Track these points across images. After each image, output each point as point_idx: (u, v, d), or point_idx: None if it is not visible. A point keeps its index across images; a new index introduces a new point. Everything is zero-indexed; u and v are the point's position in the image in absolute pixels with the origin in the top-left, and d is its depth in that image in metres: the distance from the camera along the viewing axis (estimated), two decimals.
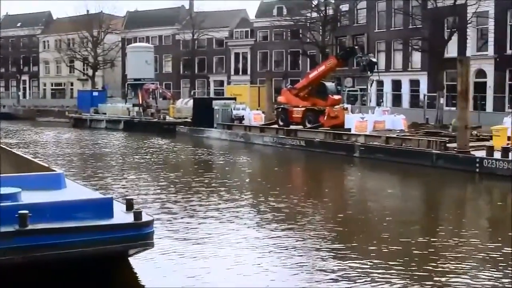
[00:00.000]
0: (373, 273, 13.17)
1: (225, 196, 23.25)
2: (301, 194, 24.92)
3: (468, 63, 34.20)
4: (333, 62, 46.56)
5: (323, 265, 13.80)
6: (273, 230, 17.24)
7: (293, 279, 12.93)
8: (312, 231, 17.21)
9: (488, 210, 23.49)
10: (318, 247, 15.38)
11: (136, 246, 12.06)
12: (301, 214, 19.71)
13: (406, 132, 40.58)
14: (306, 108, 46.47)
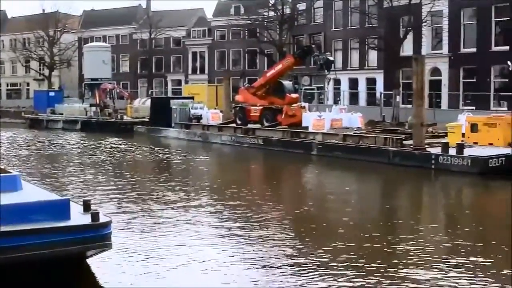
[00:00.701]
0: (332, 268, 13.31)
1: (182, 195, 23.26)
2: (258, 192, 25.00)
3: (423, 61, 34.59)
4: (290, 61, 46.76)
5: (280, 262, 13.89)
6: (230, 229, 17.28)
7: (249, 275, 13.00)
8: (269, 228, 17.30)
9: (443, 206, 23.80)
10: (275, 244, 15.47)
11: (94, 248, 12.00)
12: (258, 212, 19.76)
13: (363, 129, 40.95)
14: (263, 106, 46.57)
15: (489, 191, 26.80)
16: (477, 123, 34.00)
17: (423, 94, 33.82)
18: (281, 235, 16.56)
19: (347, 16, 66.01)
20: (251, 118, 47.23)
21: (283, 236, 16.44)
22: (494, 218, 20.82)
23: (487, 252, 15.08)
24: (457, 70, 53.44)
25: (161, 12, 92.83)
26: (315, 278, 12.71)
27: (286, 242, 15.77)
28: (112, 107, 69.10)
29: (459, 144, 30.23)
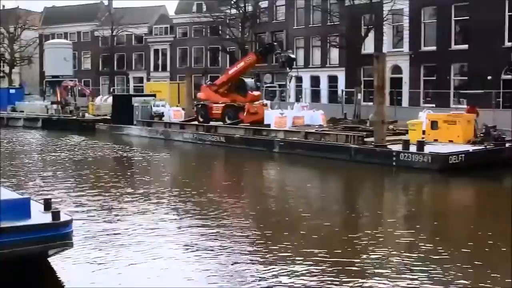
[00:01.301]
0: (293, 263, 13.38)
1: (143, 192, 23.18)
2: (220, 190, 25.03)
3: (384, 59, 34.89)
4: (252, 59, 46.81)
5: (241, 259, 13.94)
6: (191, 226, 17.30)
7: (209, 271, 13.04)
8: (230, 225, 17.33)
9: (403, 202, 24.08)
10: (236, 241, 15.50)
11: (55, 247, 11.93)
12: (219, 209, 19.78)
13: (325, 127, 41.18)
14: (225, 104, 46.56)
15: (448, 188, 27.14)
16: (437, 120, 34.40)
17: (384, 92, 34.11)
18: (242, 232, 16.60)
19: (309, 14, 66.20)
20: (213, 115, 47.17)
21: (244, 233, 16.48)
22: (452, 214, 21.08)
23: (445, 246, 15.27)
24: (418, 68, 53.92)
25: (123, 9, 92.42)
26: (276, 274, 12.77)
27: (247, 239, 15.83)
28: (74, 104, 68.51)
29: (420, 141, 30.54)
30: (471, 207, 23.08)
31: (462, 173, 27.83)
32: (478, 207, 22.89)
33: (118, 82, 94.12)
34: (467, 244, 16.03)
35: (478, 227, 18.43)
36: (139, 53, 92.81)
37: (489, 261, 14.10)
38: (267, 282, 12.38)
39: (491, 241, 16.09)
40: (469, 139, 33.01)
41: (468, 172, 27.80)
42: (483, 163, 29.32)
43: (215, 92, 47.93)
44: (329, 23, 60.82)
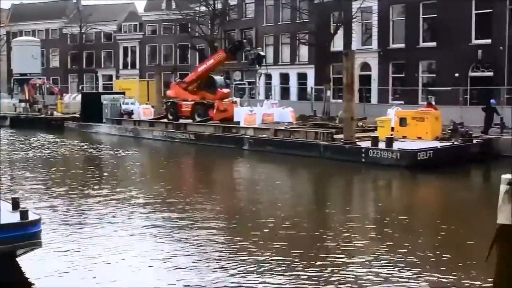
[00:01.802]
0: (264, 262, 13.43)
1: (111, 190, 23.12)
2: (189, 187, 25.05)
3: (353, 56, 35.09)
4: (221, 56, 46.82)
5: (211, 257, 13.96)
6: (159, 225, 17.27)
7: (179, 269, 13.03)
8: (200, 223, 17.32)
9: (371, 198, 24.26)
10: (206, 239, 15.51)
11: (24, 246, 11.80)
12: (190, 207, 19.78)
13: (294, 124, 41.32)
14: (195, 102, 46.51)
15: (416, 184, 27.40)
16: (405, 117, 34.63)
17: (353, 89, 34.23)
18: (212, 230, 16.62)
19: (278, 11, 66.27)
20: (183, 113, 47.10)
21: (214, 231, 16.49)
22: (419, 209, 21.31)
23: (412, 240, 15.46)
24: (386, 65, 54.25)
25: (91, 6, 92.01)
26: (246, 273, 12.81)
27: (217, 237, 15.84)
28: (42, 102, 68.09)
29: (388, 138, 30.77)
30: (438, 202, 23.30)
31: (430, 169, 28.08)
32: (445, 202, 23.10)
33: (87, 80, 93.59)
34: (433, 237, 16.22)
35: (444, 221, 18.62)
36: (108, 50, 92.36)
37: (456, 253, 14.26)
38: (237, 279, 12.41)
39: (456, 234, 16.32)
40: (437, 136, 33.31)
41: (436, 168, 28.06)
42: (451, 159, 29.64)
43: (185, 90, 47.84)
44: (298, 21, 61.05)
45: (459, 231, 16.94)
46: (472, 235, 16.31)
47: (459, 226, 17.65)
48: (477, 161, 31.03)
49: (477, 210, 20.02)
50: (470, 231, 16.88)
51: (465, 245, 15.33)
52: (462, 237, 16.20)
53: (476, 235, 16.10)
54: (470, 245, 15.22)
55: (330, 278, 12.45)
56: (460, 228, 17.35)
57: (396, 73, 54.18)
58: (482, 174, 31.11)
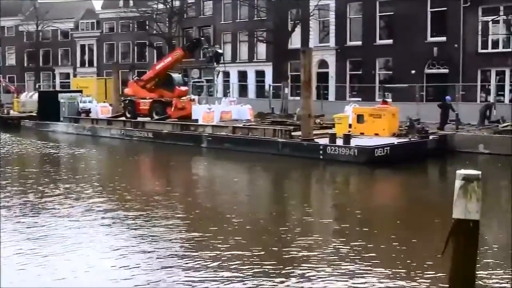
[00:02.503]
0: (224, 262, 13.46)
1: (67, 189, 22.87)
2: (146, 185, 24.99)
3: (311, 54, 35.25)
4: (179, 54, 46.72)
5: (170, 253, 13.95)
6: (116, 225, 17.21)
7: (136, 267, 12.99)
8: (158, 222, 17.28)
9: (329, 195, 24.40)
10: (164, 236, 15.49)
11: None
12: (147, 204, 19.73)
13: (252, 121, 41.41)
14: (153, 99, 46.36)
15: (373, 180, 27.64)
16: (363, 114, 35.00)
17: (311, 86, 34.39)
18: (170, 226, 16.59)
19: (236, 9, 66.32)
20: (141, 111, 46.93)
21: (172, 227, 16.47)
22: (376, 205, 21.50)
23: (369, 235, 15.61)
24: (344, 62, 54.57)
25: (48, 4, 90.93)
26: (206, 274, 12.81)
27: (175, 236, 15.83)
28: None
29: (346, 134, 30.99)
30: (395, 198, 23.56)
31: (388, 165, 28.38)
32: (402, 198, 23.36)
33: (44, 78, 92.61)
34: (390, 232, 16.39)
35: (400, 216, 18.85)
36: (65, 48, 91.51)
37: (412, 248, 14.44)
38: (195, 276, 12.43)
39: (413, 229, 16.52)
40: (394, 132, 33.68)
41: (393, 164, 28.36)
42: (408, 155, 30.02)
43: (143, 88, 47.63)
44: (256, 18, 61.03)
45: (416, 226, 17.14)
46: (428, 230, 16.53)
47: (415, 221, 17.90)
48: (434, 157, 31.48)
49: (433, 205, 20.26)
50: (426, 226, 17.09)
51: (421, 239, 15.50)
52: (418, 232, 16.39)
53: (432, 230, 16.33)
54: (426, 240, 15.40)
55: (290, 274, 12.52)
56: (417, 223, 17.58)
57: (354, 70, 54.53)
58: (438, 169, 31.55)
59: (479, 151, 32.47)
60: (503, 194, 23.85)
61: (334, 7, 54.77)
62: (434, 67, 48.34)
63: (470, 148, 32.77)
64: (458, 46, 45.87)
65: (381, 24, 52.62)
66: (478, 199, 9.34)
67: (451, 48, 46.24)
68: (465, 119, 37.48)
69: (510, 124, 35.05)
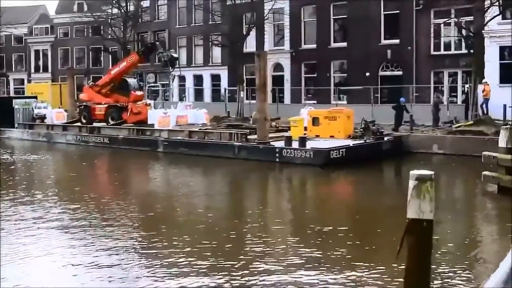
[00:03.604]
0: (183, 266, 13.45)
1: (25, 194, 22.72)
2: (102, 190, 24.86)
3: (265, 57, 35.35)
4: (134, 58, 46.57)
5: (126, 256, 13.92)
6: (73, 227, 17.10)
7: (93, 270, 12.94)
8: (114, 227, 17.20)
9: (286, 197, 24.53)
10: (121, 239, 15.44)
11: None
12: (105, 211, 19.62)
13: (208, 125, 41.41)
14: (108, 105, 46.15)
15: (329, 181, 27.83)
16: (318, 116, 35.22)
17: (266, 89, 34.55)
18: (125, 230, 16.54)
19: (191, 13, 66.21)
20: (96, 116, 46.69)
21: (129, 229, 16.44)
22: (332, 206, 21.67)
23: (324, 236, 15.73)
24: (299, 65, 54.80)
25: (0, 9, 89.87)
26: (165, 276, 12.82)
27: (132, 241, 15.78)
28: None
29: (302, 137, 31.21)
30: (350, 199, 23.72)
31: (343, 167, 28.61)
32: (357, 199, 23.52)
33: None
34: (345, 232, 16.52)
35: (355, 217, 19.03)
36: (19, 54, 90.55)
37: (367, 248, 14.57)
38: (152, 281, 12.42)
39: (368, 230, 16.70)
40: (349, 134, 33.95)
41: (348, 166, 28.59)
42: (363, 156, 30.28)
43: (98, 93, 47.39)
44: (211, 22, 61.07)
45: (370, 227, 17.33)
46: (383, 230, 16.72)
47: (370, 222, 18.09)
48: (389, 158, 31.82)
49: (387, 206, 20.47)
50: (381, 227, 17.28)
51: (377, 239, 15.66)
52: (373, 232, 16.58)
53: (387, 230, 16.50)
54: (380, 240, 15.56)
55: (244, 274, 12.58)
56: (372, 224, 17.77)
57: (309, 73, 54.80)
58: (393, 170, 31.92)
59: (433, 151, 32.94)
60: (456, 194, 24.24)
61: (288, 11, 55.00)
62: (388, 69, 48.83)
63: (425, 148, 33.24)
64: (411, 48, 46.39)
65: (335, 27, 52.98)
66: (431, 199, 9.50)
67: (405, 51, 46.76)
68: (419, 120, 37.92)
69: (463, 124, 35.57)
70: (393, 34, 48.11)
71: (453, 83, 45.55)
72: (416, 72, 46.16)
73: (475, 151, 27.99)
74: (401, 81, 46.46)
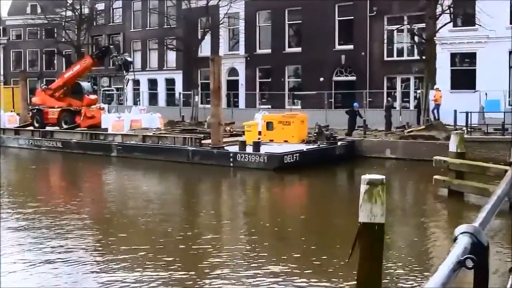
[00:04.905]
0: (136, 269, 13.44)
1: None
2: (54, 195, 24.66)
3: (220, 62, 35.37)
4: (88, 62, 46.24)
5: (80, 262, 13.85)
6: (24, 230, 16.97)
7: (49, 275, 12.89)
8: (68, 232, 17.10)
9: (238, 201, 24.58)
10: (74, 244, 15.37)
11: None
12: (58, 215, 19.49)
13: (163, 130, 41.30)
14: (62, 108, 45.72)
15: (282, 186, 27.98)
16: (272, 121, 35.36)
17: (221, 94, 34.61)
18: (79, 237, 16.46)
19: (146, 16, 65.96)
20: (49, 120, 46.19)
21: (81, 237, 16.35)
22: (285, 210, 21.80)
23: (277, 241, 15.84)
24: (254, 70, 54.93)
25: None
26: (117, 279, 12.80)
27: (83, 244, 15.72)
28: None
29: (256, 142, 31.29)
30: (303, 203, 23.93)
31: (297, 171, 28.77)
32: (310, 203, 23.73)
33: None
34: (297, 236, 16.67)
35: (308, 221, 19.17)
36: None
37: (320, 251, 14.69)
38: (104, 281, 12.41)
39: (320, 234, 16.85)
40: (303, 139, 34.15)
41: (302, 170, 28.76)
42: (317, 161, 30.48)
43: (51, 97, 46.92)
44: (166, 26, 60.94)
45: (322, 231, 17.48)
46: (335, 234, 16.88)
47: (322, 225, 18.24)
48: (342, 162, 32.09)
49: (340, 210, 20.69)
50: (333, 230, 17.45)
51: (328, 243, 15.80)
52: (326, 236, 16.73)
53: (339, 234, 16.66)
54: (333, 244, 15.71)
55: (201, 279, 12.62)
56: (324, 228, 17.93)
57: (263, 78, 54.99)
58: (346, 174, 32.20)
59: (386, 156, 33.29)
60: (408, 197, 24.56)
61: (243, 16, 55.12)
62: (342, 75, 49.22)
63: (378, 153, 33.58)
64: (365, 54, 46.84)
65: (290, 32, 53.25)
66: (382, 202, 9.67)
67: (358, 56, 47.19)
68: (372, 125, 38.30)
69: (415, 129, 36.01)
70: (347, 40, 48.54)
71: (406, 88, 46.15)
72: (369, 77, 46.62)
73: (427, 155, 28.32)
74: (355, 86, 46.88)
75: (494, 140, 31.07)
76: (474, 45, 40.28)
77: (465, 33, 40.39)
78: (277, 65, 52.62)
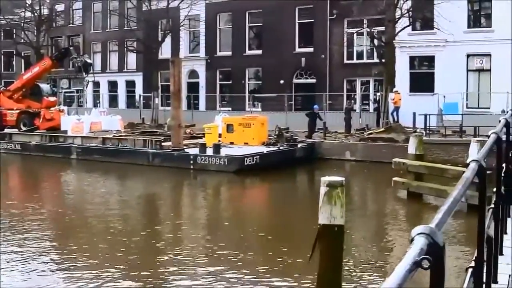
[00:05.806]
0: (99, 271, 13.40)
1: None
2: (15, 199, 24.43)
3: (180, 64, 35.40)
4: (47, 63, 45.85)
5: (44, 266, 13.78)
6: None
7: None
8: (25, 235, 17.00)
9: (198, 203, 24.60)
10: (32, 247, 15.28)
11: None
12: (16, 218, 19.33)
13: (123, 132, 41.08)
14: (20, 110, 45.28)
15: (243, 188, 28.09)
16: (232, 123, 35.42)
17: (181, 96, 34.60)
18: (37, 239, 16.37)
19: (106, 18, 65.53)
20: (8, 122, 45.71)
21: (39, 239, 16.26)
22: (245, 212, 21.88)
23: (238, 242, 15.89)
24: (214, 72, 54.91)
25: None
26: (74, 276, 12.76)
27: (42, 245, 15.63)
28: None
29: (216, 144, 31.33)
30: (263, 205, 24.08)
31: (257, 174, 28.86)
32: (270, 205, 23.88)
33: None
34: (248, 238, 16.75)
35: (269, 223, 19.26)
36: None
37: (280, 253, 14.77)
38: None
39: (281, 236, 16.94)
40: (263, 141, 34.25)
41: (262, 172, 28.85)
42: (277, 163, 30.59)
43: (9, 98, 46.41)
44: (126, 28, 60.65)
45: (282, 233, 17.56)
46: (295, 236, 16.97)
47: (281, 227, 18.33)
48: (303, 165, 32.26)
49: (299, 212, 20.77)
50: (292, 232, 17.53)
51: (288, 244, 15.87)
52: (284, 237, 16.80)
53: (298, 236, 16.75)
54: (292, 245, 15.77)
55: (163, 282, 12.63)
56: (282, 229, 18.01)
57: (224, 80, 55.00)
58: (306, 176, 32.38)
59: (346, 158, 33.55)
60: (368, 199, 24.77)
61: (204, 18, 55.08)
62: (302, 77, 49.44)
63: (338, 155, 33.82)
64: (325, 57, 47.11)
65: (250, 35, 53.34)
66: (342, 204, 9.77)
67: (318, 59, 47.44)
68: (332, 127, 38.51)
69: (374, 131, 36.32)
70: (307, 42, 48.76)
71: (366, 91, 46.47)
72: (329, 80, 46.90)
73: (386, 157, 28.64)
74: (315, 89, 47.13)
75: (452, 142, 31.44)
76: (433, 48, 40.75)
77: (424, 37, 40.83)
78: (238, 67, 52.65)
